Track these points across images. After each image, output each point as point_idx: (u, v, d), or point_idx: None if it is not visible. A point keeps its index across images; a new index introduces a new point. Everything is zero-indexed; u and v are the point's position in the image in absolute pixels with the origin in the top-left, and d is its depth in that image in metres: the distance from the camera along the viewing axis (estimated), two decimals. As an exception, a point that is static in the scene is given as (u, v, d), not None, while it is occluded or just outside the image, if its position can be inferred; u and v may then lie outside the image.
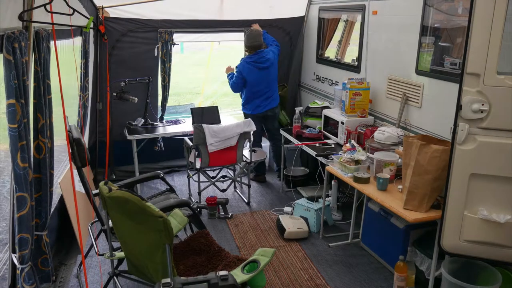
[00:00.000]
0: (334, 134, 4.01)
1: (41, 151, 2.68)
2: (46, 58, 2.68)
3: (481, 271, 2.67)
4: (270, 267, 3.34)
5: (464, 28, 2.79)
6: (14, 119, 2.22)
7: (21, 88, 2.25)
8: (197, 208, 4.06)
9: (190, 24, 4.86)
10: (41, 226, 2.78)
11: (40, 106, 2.62)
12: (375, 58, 3.94)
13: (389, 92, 3.71)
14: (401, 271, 2.92)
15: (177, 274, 2.39)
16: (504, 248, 2.40)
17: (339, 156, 3.33)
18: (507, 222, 2.34)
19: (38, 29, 2.56)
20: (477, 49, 2.25)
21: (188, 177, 4.53)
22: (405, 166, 2.75)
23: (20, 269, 2.47)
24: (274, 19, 5.17)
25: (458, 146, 2.38)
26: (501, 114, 2.29)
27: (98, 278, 3.22)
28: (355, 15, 4.46)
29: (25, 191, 2.36)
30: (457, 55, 3.04)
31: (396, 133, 3.29)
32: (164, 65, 4.87)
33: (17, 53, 2.16)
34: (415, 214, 2.63)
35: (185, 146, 4.34)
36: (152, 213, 2.13)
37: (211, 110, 5.03)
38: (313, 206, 3.90)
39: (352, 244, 3.67)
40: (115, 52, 4.72)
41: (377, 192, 2.91)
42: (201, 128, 4.02)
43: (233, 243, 3.73)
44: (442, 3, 3.13)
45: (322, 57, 5.00)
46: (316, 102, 4.52)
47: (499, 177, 2.34)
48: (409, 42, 3.42)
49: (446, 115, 3.00)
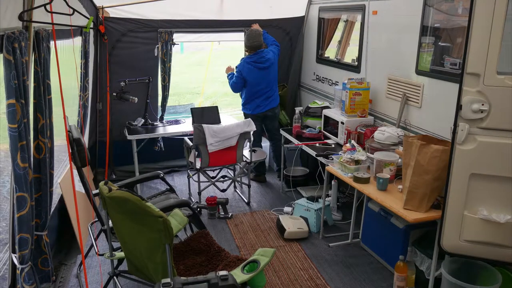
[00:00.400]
0: (334, 134, 4.01)
1: (41, 151, 2.68)
2: (46, 58, 2.68)
3: (481, 271, 2.67)
4: (270, 267, 3.34)
5: (464, 28, 2.78)
6: (14, 119, 2.22)
7: (21, 88, 2.25)
8: (197, 208, 4.07)
9: (190, 24, 4.86)
10: (41, 226, 2.78)
11: (40, 106, 2.62)
12: (375, 58, 3.94)
13: (389, 92, 3.71)
14: (401, 271, 2.92)
15: (177, 274, 2.39)
16: (504, 248, 2.40)
17: (339, 156, 3.33)
18: (507, 222, 2.34)
19: (38, 29, 2.56)
20: (477, 49, 2.25)
21: (188, 177, 4.53)
22: (405, 166, 2.75)
23: (20, 269, 2.47)
24: (274, 19, 5.17)
25: (458, 146, 2.38)
26: (501, 114, 2.29)
27: (98, 278, 3.22)
28: (355, 15, 4.46)
29: (25, 191, 2.36)
30: (457, 55, 3.04)
31: (396, 133, 3.29)
32: (164, 65, 4.87)
33: (17, 53, 2.16)
34: (415, 214, 2.63)
35: (185, 146, 4.34)
36: (152, 213, 2.13)
37: (211, 110, 5.03)
38: (313, 206, 3.89)
39: (352, 244, 3.67)
40: (115, 52, 4.72)
41: (377, 192, 2.91)
42: (201, 128, 4.02)
43: (233, 243, 3.73)
44: (442, 3, 3.13)
45: (322, 57, 5.00)
46: (316, 102, 4.52)
47: (499, 177, 2.34)
48: (409, 42, 3.42)
49: (446, 115, 3.00)
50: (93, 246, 3.32)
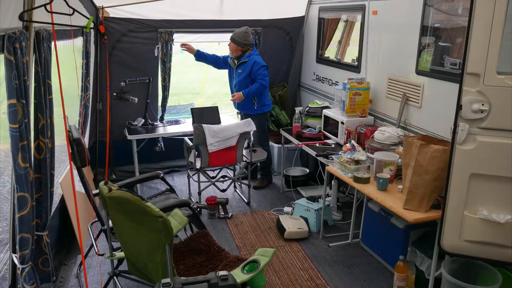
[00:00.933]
0: (334, 134, 4.02)
1: (42, 151, 2.68)
2: (46, 58, 2.68)
3: (481, 271, 2.68)
4: (270, 267, 3.34)
5: (464, 28, 2.79)
6: (15, 119, 2.22)
7: (22, 88, 2.25)
8: (197, 208, 4.06)
9: (190, 24, 4.86)
10: (41, 226, 2.78)
11: (40, 106, 2.62)
12: (375, 58, 3.94)
13: (389, 92, 3.71)
14: (401, 271, 2.92)
15: (177, 274, 2.39)
16: (504, 248, 2.40)
17: (339, 156, 3.33)
18: (507, 222, 2.34)
19: (39, 29, 2.56)
20: (477, 49, 2.25)
21: (188, 177, 4.53)
22: (405, 166, 2.75)
23: (21, 269, 2.48)
24: (274, 19, 5.17)
25: (458, 146, 2.38)
26: (501, 114, 2.29)
27: (98, 278, 3.22)
28: (355, 15, 4.46)
29: (26, 191, 2.36)
30: (457, 55, 3.04)
31: (396, 133, 3.30)
32: (164, 65, 4.87)
33: (18, 54, 2.17)
34: (415, 214, 2.63)
35: (185, 146, 4.34)
36: (152, 213, 2.13)
37: (211, 110, 5.03)
38: (313, 206, 3.90)
39: (352, 244, 3.67)
40: (115, 52, 4.72)
41: (377, 192, 2.91)
42: (201, 128, 4.02)
43: (233, 243, 3.74)
44: (442, 3, 3.13)
45: (322, 57, 5.00)
46: (316, 102, 4.52)
47: (499, 177, 2.34)
48: (409, 42, 3.42)
49: (446, 115, 3.00)
50: (93, 246, 3.32)
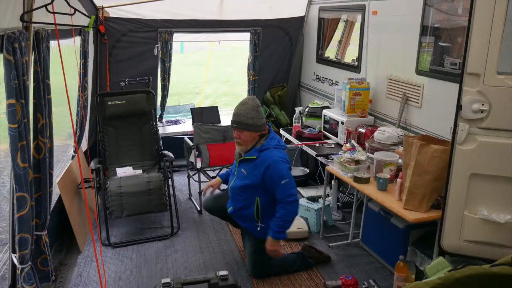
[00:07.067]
0: (334, 134, 4.01)
1: (41, 151, 2.68)
2: (45, 58, 2.67)
3: (481, 271, 2.67)
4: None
5: (464, 28, 2.78)
6: (14, 119, 2.22)
7: (21, 88, 2.25)
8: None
9: (190, 24, 4.86)
10: (40, 226, 2.78)
11: (40, 106, 2.62)
12: (375, 58, 3.94)
13: (389, 92, 3.71)
14: (401, 271, 2.92)
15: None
16: (504, 248, 2.40)
17: (339, 156, 3.33)
18: (507, 222, 2.34)
19: (38, 29, 2.56)
20: (477, 49, 2.25)
21: (188, 177, 4.52)
22: (405, 166, 2.75)
23: (20, 269, 2.47)
24: (274, 19, 5.16)
25: (458, 146, 2.38)
26: (501, 114, 2.30)
27: (98, 278, 3.21)
28: (355, 15, 4.46)
29: (25, 191, 2.36)
30: (457, 55, 3.04)
31: (396, 133, 3.30)
32: (164, 64, 4.87)
33: (17, 53, 2.16)
34: (415, 214, 2.63)
35: (185, 146, 4.34)
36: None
37: (211, 110, 5.02)
38: (313, 206, 3.89)
39: (352, 244, 3.66)
40: (115, 52, 4.71)
41: (377, 192, 2.91)
42: (201, 127, 4.00)
43: (233, 243, 3.73)
44: (442, 3, 3.13)
45: (322, 57, 5.00)
46: (316, 102, 4.51)
47: (499, 177, 2.34)
48: (409, 42, 3.41)
49: (446, 115, 3.00)
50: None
